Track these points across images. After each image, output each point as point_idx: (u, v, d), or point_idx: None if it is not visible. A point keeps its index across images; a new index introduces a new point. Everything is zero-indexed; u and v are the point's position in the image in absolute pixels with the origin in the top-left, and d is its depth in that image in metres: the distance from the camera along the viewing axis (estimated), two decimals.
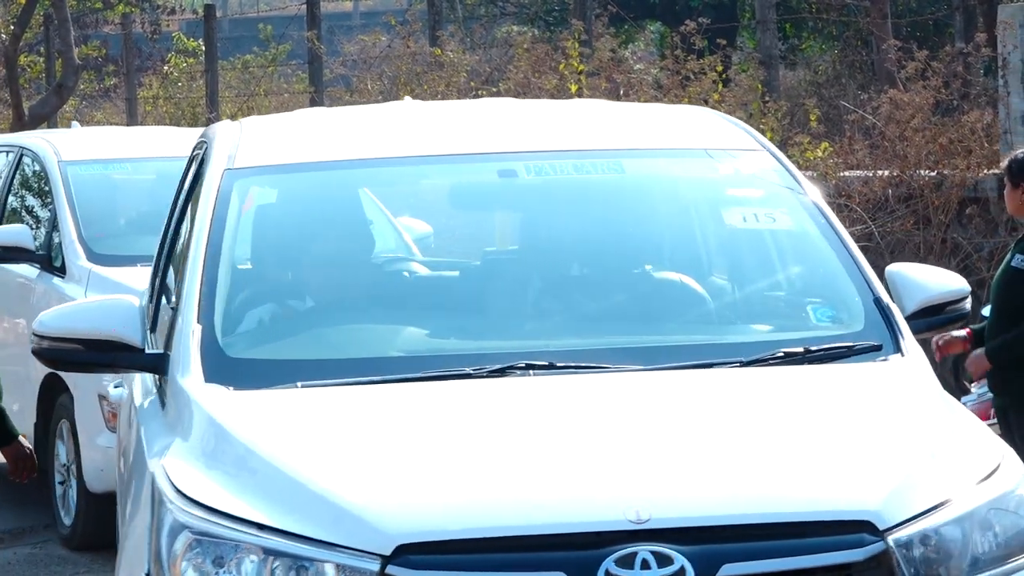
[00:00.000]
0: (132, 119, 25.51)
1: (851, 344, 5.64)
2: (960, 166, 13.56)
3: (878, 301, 5.79)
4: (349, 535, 4.62)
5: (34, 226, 11.84)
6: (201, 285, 5.77)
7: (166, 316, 6.07)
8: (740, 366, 5.49)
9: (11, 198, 12.57)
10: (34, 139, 12.98)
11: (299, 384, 5.45)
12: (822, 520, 4.71)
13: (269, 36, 28.28)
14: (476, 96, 16.91)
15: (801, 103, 17.40)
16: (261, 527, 4.70)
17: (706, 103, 15.91)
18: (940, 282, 6.08)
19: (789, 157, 14.73)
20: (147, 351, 5.79)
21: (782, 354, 5.55)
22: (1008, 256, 10.04)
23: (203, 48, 25.79)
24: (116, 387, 7.43)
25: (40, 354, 5.77)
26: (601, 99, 15.08)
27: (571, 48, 17.91)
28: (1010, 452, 5.03)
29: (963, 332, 10.30)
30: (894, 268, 5.92)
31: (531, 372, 5.50)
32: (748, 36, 25.11)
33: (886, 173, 14.46)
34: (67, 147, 12.37)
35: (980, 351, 10.28)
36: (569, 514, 4.61)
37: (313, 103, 19.87)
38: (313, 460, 4.93)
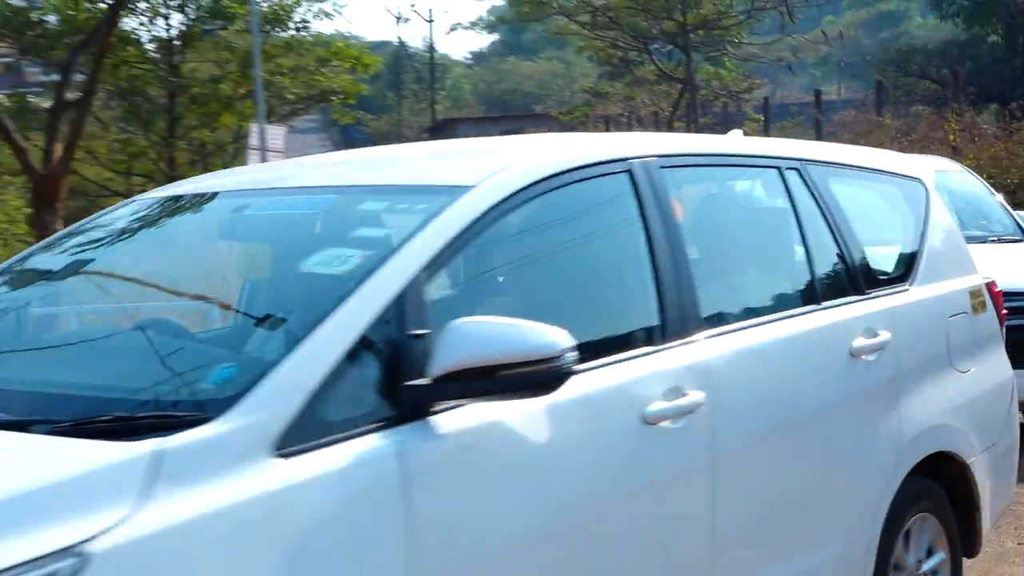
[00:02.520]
0: None
1: (158, 415, 2.63)
2: None
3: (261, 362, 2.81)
4: None
5: None
6: None
7: None
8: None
9: None
10: None
11: None
12: None
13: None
14: (902, 147, 16.56)
15: None
16: None
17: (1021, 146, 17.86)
18: (501, 340, 2.83)
19: None
20: None
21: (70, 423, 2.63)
22: None
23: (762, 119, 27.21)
24: None
25: None
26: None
27: (950, 117, 19.66)
28: None
29: None
30: (457, 322, 2.87)
31: None
32: None
33: None
34: None
35: None
36: None
37: None
38: None
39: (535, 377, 2.90)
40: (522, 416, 3.08)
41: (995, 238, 9.05)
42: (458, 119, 62.42)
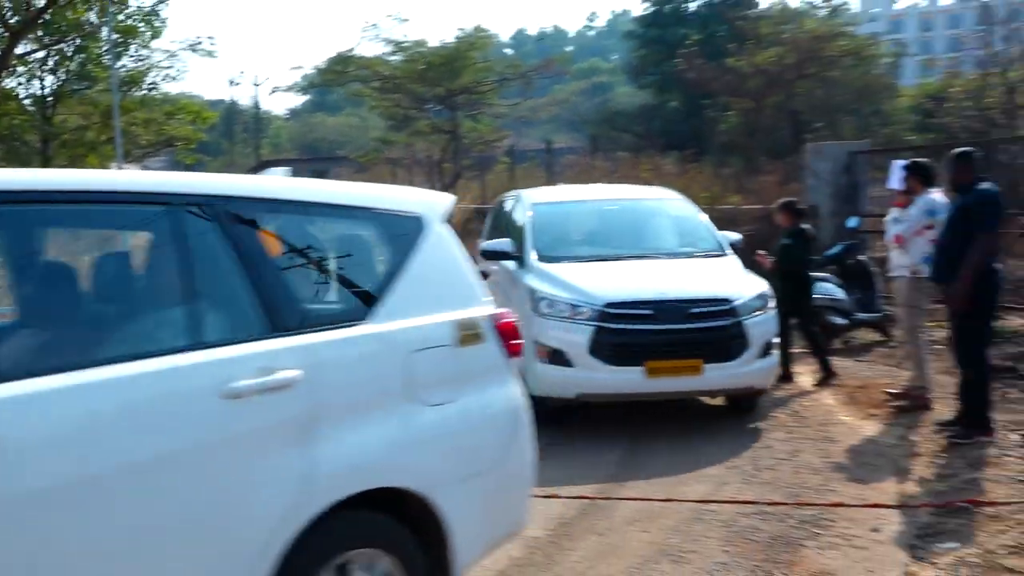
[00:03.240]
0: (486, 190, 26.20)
1: None
2: None
3: None
4: None
5: (515, 240, 9.04)
6: None
7: None
8: None
9: (508, 224, 9.70)
10: (522, 191, 10.34)
11: None
12: None
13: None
14: (610, 181, 16.19)
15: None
16: None
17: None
18: None
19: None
20: None
21: None
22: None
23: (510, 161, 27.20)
24: None
25: None
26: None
27: (643, 161, 20.29)
28: None
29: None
30: None
31: None
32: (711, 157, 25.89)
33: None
34: (535, 195, 9.94)
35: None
36: None
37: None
38: None
39: None
40: None
41: (702, 253, 8.99)
42: (276, 160, 62.11)
